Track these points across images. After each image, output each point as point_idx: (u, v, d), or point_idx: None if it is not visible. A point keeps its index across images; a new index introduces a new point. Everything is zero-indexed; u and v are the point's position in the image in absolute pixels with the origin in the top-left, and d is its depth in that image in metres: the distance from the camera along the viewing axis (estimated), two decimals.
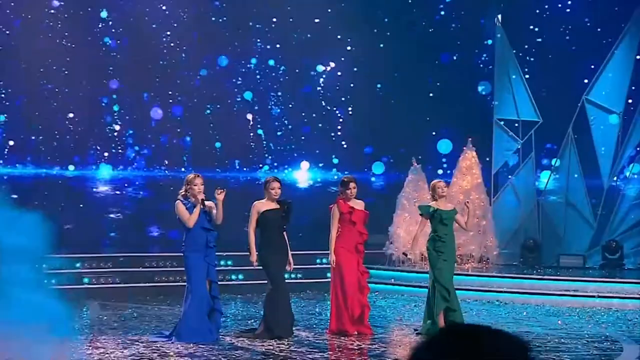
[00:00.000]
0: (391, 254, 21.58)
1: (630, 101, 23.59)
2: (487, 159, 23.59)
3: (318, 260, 21.73)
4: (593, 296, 19.53)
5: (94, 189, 23.91)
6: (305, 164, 25.80)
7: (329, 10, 25.53)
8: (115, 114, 24.57)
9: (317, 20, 25.36)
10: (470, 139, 23.05)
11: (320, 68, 26.32)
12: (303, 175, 25.81)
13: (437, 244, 15.37)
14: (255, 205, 14.73)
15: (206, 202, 14.20)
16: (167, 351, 13.48)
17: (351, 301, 15.00)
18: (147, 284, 20.03)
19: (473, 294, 20.30)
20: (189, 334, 14.06)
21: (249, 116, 25.72)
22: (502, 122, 23.89)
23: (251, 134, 25.75)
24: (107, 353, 13.32)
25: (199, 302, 14.09)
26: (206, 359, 12.80)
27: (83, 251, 20.69)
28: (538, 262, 22.53)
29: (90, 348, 13.66)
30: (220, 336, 14.63)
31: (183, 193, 14.25)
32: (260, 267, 14.88)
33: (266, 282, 14.93)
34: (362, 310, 15.17)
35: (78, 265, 20.66)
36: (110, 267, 20.61)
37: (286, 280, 15.20)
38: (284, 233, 14.84)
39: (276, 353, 13.43)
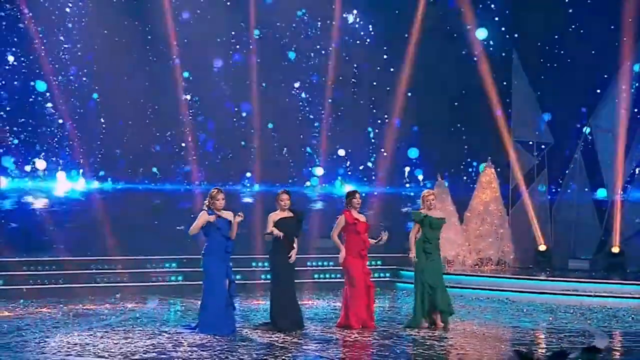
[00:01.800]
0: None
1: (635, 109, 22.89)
2: (498, 169, 22.96)
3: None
4: (590, 295, 18.94)
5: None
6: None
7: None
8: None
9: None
10: (489, 158, 22.72)
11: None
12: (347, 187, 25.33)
13: (425, 246, 15.00)
14: (270, 215, 14.45)
15: (224, 212, 14.00)
16: (182, 342, 13.06)
17: (359, 300, 14.67)
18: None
19: (488, 293, 19.89)
20: (208, 327, 13.75)
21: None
22: (518, 143, 23.43)
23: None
24: (132, 342, 12.99)
25: (218, 299, 13.79)
26: (212, 350, 12.40)
27: (151, 254, 20.78)
28: (550, 266, 22.06)
29: (121, 338, 13.49)
30: (239, 328, 14.35)
31: (207, 204, 14.07)
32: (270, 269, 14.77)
33: (270, 281, 14.71)
34: (367, 307, 14.83)
35: (148, 266, 20.75)
36: (175, 267, 20.64)
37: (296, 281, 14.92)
38: (295, 239, 14.51)
39: (278, 344, 12.97)
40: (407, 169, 25.44)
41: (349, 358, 12.49)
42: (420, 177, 25.37)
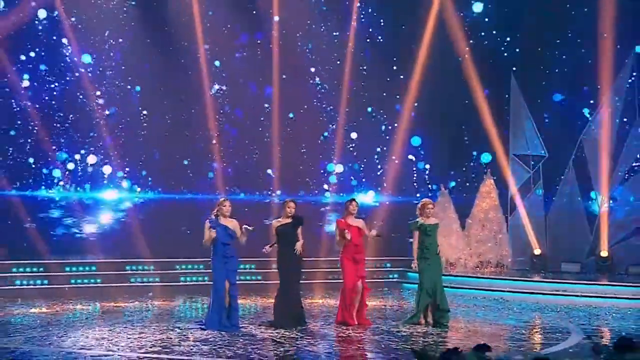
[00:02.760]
0: None
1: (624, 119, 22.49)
2: (494, 178, 22.63)
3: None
4: (577, 295, 18.69)
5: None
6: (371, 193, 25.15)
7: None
8: None
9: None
10: (489, 170, 22.54)
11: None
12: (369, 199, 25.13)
13: (423, 252, 14.80)
14: (272, 223, 14.46)
15: (228, 220, 13.92)
16: (189, 337, 12.93)
17: (350, 299, 14.52)
18: None
19: (486, 293, 19.63)
20: (211, 323, 13.65)
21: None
22: (516, 157, 23.18)
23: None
24: (144, 337, 12.89)
25: (220, 299, 13.63)
26: (213, 344, 12.27)
27: (184, 256, 20.80)
28: (544, 268, 21.78)
29: (136, 333, 13.45)
30: (248, 324, 14.25)
31: (215, 213, 14.01)
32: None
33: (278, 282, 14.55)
34: (360, 306, 14.64)
35: (177, 267, 20.80)
36: (202, 268, 20.62)
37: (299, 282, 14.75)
38: (298, 242, 14.28)
39: (275, 339, 12.82)
40: (412, 157, 25.09)
41: (335, 352, 12.34)
42: (428, 167, 24.99)
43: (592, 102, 22.65)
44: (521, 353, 12.02)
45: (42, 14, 22.61)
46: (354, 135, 24.99)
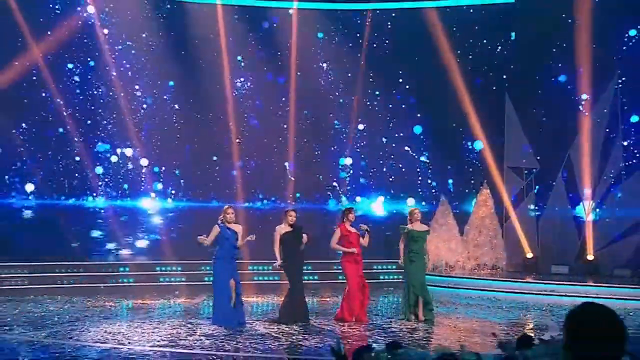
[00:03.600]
0: None
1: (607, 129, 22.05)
2: (488, 188, 22.30)
3: (376, 267, 21.51)
4: (562, 295, 18.40)
5: None
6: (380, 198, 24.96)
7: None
8: None
9: None
10: (485, 181, 22.31)
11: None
12: (378, 206, 24.94)
13: (410, 255, 14.68)
14: (277, 229, 14.25)
15: (233, 225, 13.88)
16: (196, 331, 12.84)
17: (352, 298, 14.38)
18: (244, 282, 19.68)
19: (480, 293, 19.33)
20: (219, 319, 13.53)
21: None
22: (510, 168, 22.93)
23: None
24: (156, 332, 12.76)
25: (226, 296, 13.50)
26: (216, 338, 12.15)
27: (203, 258, 20.65)
28: (535, 270, 21.46)
29: (150, 328, 13.38)
30: (257, 321, 14.17)
31: (221, 218, 14.01)
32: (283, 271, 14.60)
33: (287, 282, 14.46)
34: (361, 303, 14.50)
35: (202, 268, 20.69)
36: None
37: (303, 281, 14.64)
38: (301, 247, 14.21)
39: (273, 335, 12.73)
40: (410, 150, 24.77)
41: (325, 347, 12.19)
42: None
43: (582, 108, 22.25)
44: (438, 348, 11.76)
45: (91, 9, 22.23)
46: (361, 126, 24.54)
